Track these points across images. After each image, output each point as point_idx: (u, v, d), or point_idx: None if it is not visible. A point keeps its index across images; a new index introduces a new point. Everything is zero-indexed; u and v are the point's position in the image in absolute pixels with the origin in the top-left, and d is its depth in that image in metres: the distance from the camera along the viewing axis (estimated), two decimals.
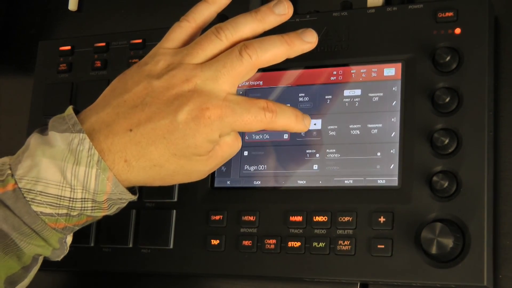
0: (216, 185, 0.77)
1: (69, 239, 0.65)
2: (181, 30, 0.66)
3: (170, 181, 0.65)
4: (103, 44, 0.86)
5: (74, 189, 0.61)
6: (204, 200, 0.77)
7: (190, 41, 0.65)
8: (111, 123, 0.62)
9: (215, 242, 0.74)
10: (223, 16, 0.82)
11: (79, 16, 0.96)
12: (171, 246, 0.76)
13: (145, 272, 0.78)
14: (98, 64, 0.85)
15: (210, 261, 0.74)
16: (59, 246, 0.64)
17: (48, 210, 0.61)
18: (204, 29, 0.67)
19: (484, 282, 0.64)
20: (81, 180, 0.60)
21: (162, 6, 0.92)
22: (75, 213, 0.62)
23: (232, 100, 0.62)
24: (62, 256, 0.66)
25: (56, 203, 0.61)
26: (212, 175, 0.77)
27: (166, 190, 0.78)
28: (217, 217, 0.75)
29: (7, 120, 0.97)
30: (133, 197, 0.65)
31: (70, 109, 0.63)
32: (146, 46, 0.83)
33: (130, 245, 0.78)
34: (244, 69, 0.62)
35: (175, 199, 0.78)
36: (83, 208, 0.62)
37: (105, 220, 0.80)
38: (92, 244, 0.80)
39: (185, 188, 0.78)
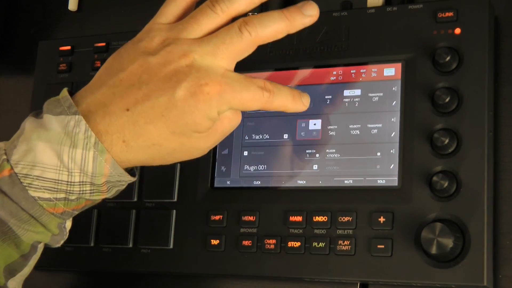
0: (216, 185, 0.77)
1: (69, 224, 0.64)
2: (175, 4, 0.64)
3: (171, 160, 0.64)
4: (103, 44, 0.86)
5: (71, 172, 0.60)
6: (204, 200, 0.77)
7: (184, 15, 0.64)
8: (107, 103, 0.60)
9: (215, 242, 0.74)
10: None
11: (79, 16, 0.96)
12: (171, 246, 0.76)
13: (145, 272, 0.78)
14: (98, 64, 0.85)
15: (210, 261, 0.74)
16: (58, 232, 0.63)
17: (46, 195, 0.60)
18: (198, 4, 0.65)
19: (484, 282, 0.64)
20: (78, 163, 0.59)
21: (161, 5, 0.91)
22: (73, 197, 0.61)
23: (231, 77, 0.60)
24: (62, 242, 0.64)
25: (54, 188, 0.60)
26: (212, 175, 0.77)
27: (166, 190, 0.78)
28: (217, 217, 0.75)
29: (7, 120, 0.97)
30: (132, 179, 0.64)
31: (65, 91, 0.62)
32: None
33: (130, 245, 0.78)
34: (243, 45, 0.61)
35: (175, 199, 0.78)
36: (81, 192, 0.61)
37: (105, 220, 0.80)
38: (92, 244, 0.80)
39: (185, 188, 0.78)
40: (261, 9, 0.82)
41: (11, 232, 0.61)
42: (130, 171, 0.64)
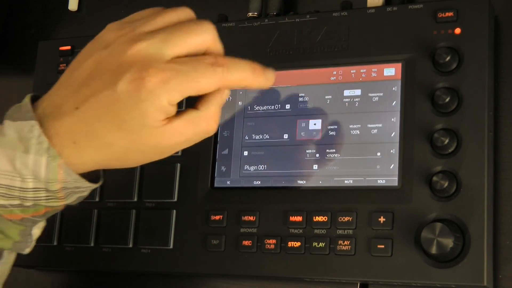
0: (216, 185, 0.77)
1: (36, 231, 0.62)
2: (148, 10, 0.62)
3: (128, 162, 0.61)
4: None
5: (24, 178, 0.58)
6: (204, 200, 0.77)
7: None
8: (60, 104, 0.59)
9: (215, 242, 0.74)
10: (223, 16, 0.82)
11: (79, 16, 0.96)
12: (171, 246, 0.76)
13: (145, 272, 0.78)
14: None
15: (210, 261, 0.74)
16: (20, 239, 0.61)
17: (0, 201, 0.59)
18: None
19: (484, 282, 0.64)
20: (31, 169, 0.58)
21: (162, 6, 0.91)
22: (29, 204, 0.59)
23: (176, 62, 0.57)
24: (28, 250, 0.63)
25: (7, 194, 0.58)
26: (212, 175, 0.77)
27: (166, 190, 0.78)
28: (217, 217, 0.75)
29: None
30: (93, 185, 0.61)
31: (27, 97, 0.61)
32: None
33: (130, 245, 0.78)
34: (196, 40, 0.58)
35: (175, 199, 0.78)
36: (36, 198, 0.59)
37: (105, 220, 0.80)
38: (92, 244, 0.80)
39: (185, 188, 0.78)
40: (261, 5, 0.82)
41: None
42: (95, 177, 0.62)
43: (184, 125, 0.58)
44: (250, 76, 0.59)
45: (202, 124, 0.59)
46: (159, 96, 0.55)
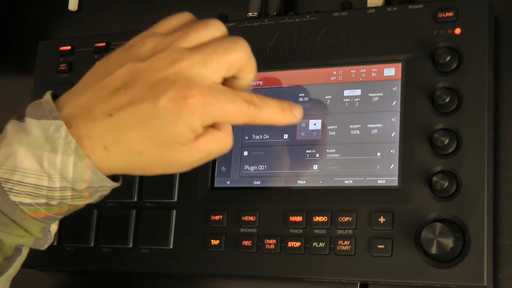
0: (216, 185, 0.77)
1: (54, 227, 0.63)
2: (177, 19, 0.63)
3: (150, 171, 0.63)
4: (103, 44, 0.86)
5: (51, 178, 0.59)
6: (204, 200, 0.77)
7: None
8: (91, 108, 0.59)
9: (215, 242, 0.74)
10: (223, 16, 0.82)
11: (79, 16, 0.96)
12: (171, 246, 0.76)
13: (145, 272, 0.78)
14: None
15: (210, 261, 0.74)
16: (41, 236, 0.62)
17: (27, 200, 0.59)
18: None
19: (484, 282, 0.64)
20: (58, 169, 0.59)
21: (163, 6, 0.92)
22: (54, 202, 0.60)
23: (217, 89, 0.59)
24: (46, 246, 0.64)
25: (34, 193, 0.59)
26: (212, 175, 0.77)
27: (166, 190, 0.78)
28: (217, 217, 0.75)
29: (7, 120, 0.97)
30: (116, 184, 0.63)
31: (48, 95, 0.62)
32: None
33: (130, 245, 0.78)
34: (232, 59, 0.60)
35: (175, 199, 0.78)
36: (62, 197, 0.60)
37: (105, 220, 0.80)
38: (92, 244, 0.80)
39: (185, 188, 0.78)
40: (261, 5, 0.82)
41: None
42: (115, 176, 0.63)
43: (207, 143, 0.61)
44: (279, 116, 0.62)
45: (222, 141, 0.62)
46: (196, 118, 0.58)
